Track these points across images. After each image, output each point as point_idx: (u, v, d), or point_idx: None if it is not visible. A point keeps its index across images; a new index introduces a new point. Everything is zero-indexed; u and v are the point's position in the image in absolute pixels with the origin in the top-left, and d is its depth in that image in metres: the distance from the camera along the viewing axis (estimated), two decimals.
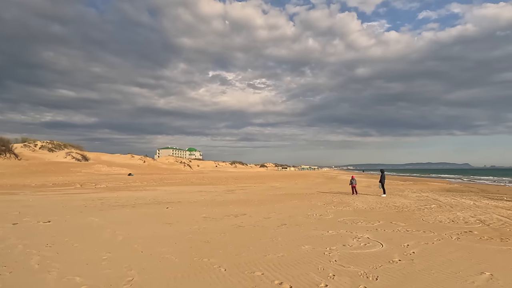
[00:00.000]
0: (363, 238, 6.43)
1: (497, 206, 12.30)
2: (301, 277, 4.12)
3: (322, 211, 10.51)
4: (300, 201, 13.73)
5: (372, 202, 13.34)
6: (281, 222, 8.41)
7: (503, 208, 11.45)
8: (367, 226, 7.82)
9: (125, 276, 4.09)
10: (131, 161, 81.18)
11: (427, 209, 11.02)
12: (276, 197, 15.89)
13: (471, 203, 13.31)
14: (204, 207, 11.44)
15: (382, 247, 5.78)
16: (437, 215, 9.70)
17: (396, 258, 5.00)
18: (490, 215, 9.77)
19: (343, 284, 3.89)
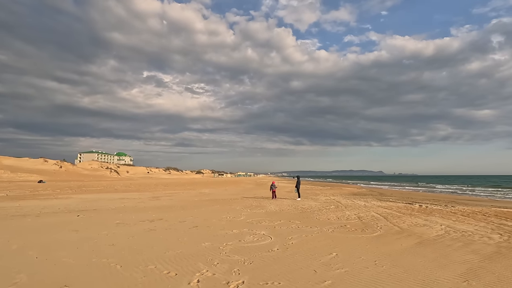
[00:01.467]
0: (259, 235, 7.52)
1: (380, 206, 15.16)
2: (189, 267, 4.86)
3: (237, 214, 11.48)
4: (221, 206, 14.53)
5: (285, 205, 14.96)
6: (194, 224, 9.04)
7: (383, 207, 14.20)
8: (269, 225, 9.03)
9: (12, 279, 4.23)
10: (44, 166, 71.12)
11: (325, 210, 13.00)
12: (200, 202, 16.40)
13: (363, 203, 16.05)
14: (120, 214, 11.31)
15: (270, 240, 6.93)
16: (330, 214, 11.60)
17: (276, 248, 6.15)
18: (369, 213, 12.11)
19: (221, 269, 4.76)
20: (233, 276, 4.44)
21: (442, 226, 9.08)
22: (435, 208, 14.06)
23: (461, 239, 7.15)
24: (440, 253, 5.83)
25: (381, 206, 15.05)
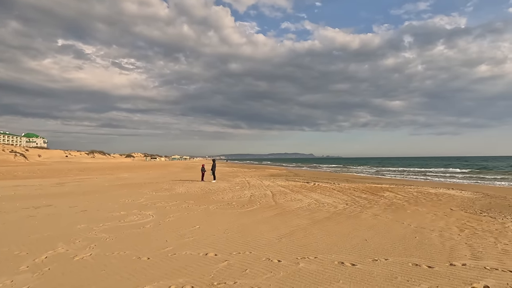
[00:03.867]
0: (144, 215, 8.09)
1: (282, 185, 17.13)
2: (45, 246, 5.20)
3: (138, 197, 11.76)
4: (129, 190, 14.51)
5: (195, 187, 15.73)
6: (83, 209, 9.08)
7: (282, 186, 16.13)
8: (162, 205, 9.64)
9: None
10: None
11: (229, 190, 14.20)
12: (109, 187, 16.00)
13: (268, 183, 17.89)
14: (3, 202, 10.50)
15: (151, 218, 7.58)
16: (229, 194, 12.78)
17: (149, 225, 6.83)
18: (265, 191, 13.72)
19: (78, 246, 5.24)
20: (86, 250, 4.98)
21: (312, 200, 11.02)
22: (322, 186, 16.61)
23: (312, 209, 8.96)
24: (284, 220, 7.33)
25: (282, 185, 17.02)
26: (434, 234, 5.97)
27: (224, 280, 3.73)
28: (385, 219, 7.60)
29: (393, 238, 5.72)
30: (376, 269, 4.06)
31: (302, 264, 4.26)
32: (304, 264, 4.26)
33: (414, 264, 4.25)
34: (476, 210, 9.16)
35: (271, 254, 4.77)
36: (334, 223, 7.07)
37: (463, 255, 4.67)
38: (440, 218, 7.71)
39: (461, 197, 12.63)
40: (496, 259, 4.44)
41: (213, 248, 5.07)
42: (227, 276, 3.86)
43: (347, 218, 7.67)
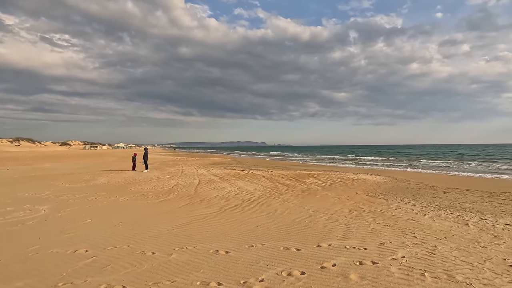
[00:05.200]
0: (36, 210, 7.20)
1: (216, 173, 16.99)
2: None
3: (46, 190, 10.51)
4: (39, 182, 12.95)
5: (120, 177, 14.71)
6: None
7: (215, 175, 15.98)
8: (64, 199, 8.73)
9: None
10: None
11: (155, 180, 13.57)
12: (18, 179, 14.07)
13: (204, 172, 17.59)
14: None
15: (42, 213, 6.78)
16: (152, 184, 12.19)
17: (32, 222, 6.07)
18: (194, 180, 13.42)
19: None
20: None
21: (235, 188, 11.08)
22: (255, 173, 16.91)
23: (228, 197, 8.98)
24: (190, 210, 7.18)
25: (215, 173, 16.88)
26: (324, 217, 6.39)
27: (73, 280, 3.42)
28: (291, 204, 7.94)
29: (285, 223, 5.96)
30: (245, 255, 4.14)
31: (174, 255, 4.15)
32: (177, 255, 4.15)
33: (285, 247, 4.44)
34: (376, 193, 10.15)
35: (150, 246, 4.57)
36: (239, 211, 7.14)
37: (335, 236, 5.04)
38: (341, 202, 8.34)
39: (373, 181, 13.94)
40: (360, 239, 4.88)
41: (88, 244, 4.68)
42: (81, 274, 3.56)
43: (256, 205, 7.83)
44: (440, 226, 5.79)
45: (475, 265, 3.79)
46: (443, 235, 5.16)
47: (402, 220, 6.26)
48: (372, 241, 4.73)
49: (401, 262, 3.85)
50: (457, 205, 8.16)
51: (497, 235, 5.20)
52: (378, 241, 4.76)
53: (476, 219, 6.38)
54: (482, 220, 6.35)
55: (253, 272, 3.58)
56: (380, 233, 5.23)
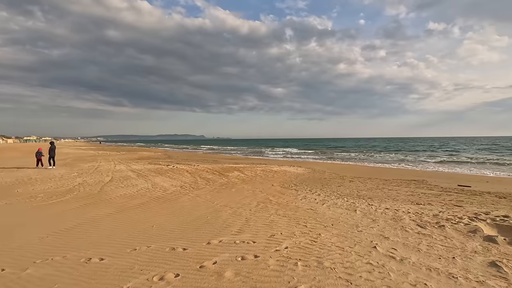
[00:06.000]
0: None
1: (133, 168, 15.68)
2: None
3: None
4: None
5: (12, 176, 12.38)
6: None
7: (134, 171, 14.72)
8: None
9: None
10: None
11: (57, 179, 11.79)
12: None
13: (121, 168, 16.06)
14: None
15: None
16: (48, 183, 10.53)
17: None
18: (103, 178, 12.08)
19: None
20: None
21: (149, 184, 10.32)
22: (180, 168, 16.20)
23: (136, 195, 8.28)
24: (83, 212, 6.33)
25: (135, 169, 15.60)
26: (229, 212, 6.32)
27: None
28: (202, 200, 7.71)
29: (185, 221, 5.69)
30: (121, 261, 3.73)
31: (29, 270, 3.49)
32: (33, 270, 3.50)
33: (171, 248, 4.17)
34: (291, 185, 10.65)
35: (4, 260, 3.78)
36: (140, 210, 6.60)
37: (231, 231, 4.98)
38: (253, 195, 8.45)
39: (293, 173, 14.68)
40: (253, 232, 4.91)
41: None
42: None
43: (163, 203, 7.37)
44: (333, 214, 6.27)
45: (346, 249, 4.12)
46: (331, 222, 5.56)
47: (302, 210, 6.60)
48: (264, 234, 4.81)
49: (282, 253, 3.95)
50: (355, 193, 9.06)
51: (375, 219, 5.84)
52: (270, 233, 4.85)
53: (364, 205, 7.12)
54: (369, 205, 7.11)
55: (120, 281, 3.22)
56: (276, 224, 5.37)
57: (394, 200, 7.98)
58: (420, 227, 5.23)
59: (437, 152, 37.94)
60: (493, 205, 7.33)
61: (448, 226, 5.20)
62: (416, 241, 4.49)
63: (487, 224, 5.46)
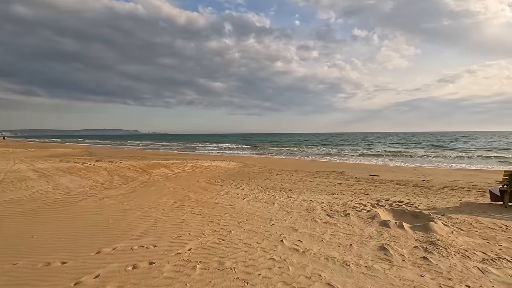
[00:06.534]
0: None
1: (37, 168, 13.34)
2: None
3: None
4: None
5: None
6: None
7: (34, 170, 12.48)
8: None
9: None
10: None
11: None
12: None
13: (21, 167, 13.51)
14: None
15: None
16: None
17: None
18: None
19: None
20: None
21: (51, 186, 8.80)
22: (97, 165, 14.41)
23: (27, 200, 6.90)
24: None
25: (39, 168, 13.29)
26: (137, 213, 5.68)
27: None
28: (111, 201, 6.83)
29: (80, 227, 4.86)
30: None
31: None
32: None
33: (46, 263, 3.43)
34: (217, 180, 10.34)
35: None
36: (24, 218, 5.45)
37: (132, 235, 4.41)
38: (173, 193, 7.87)
39: (224, 168, 14.42)
40: (158, 235, 4.43)
41: None
42: None
43: (59, 207, 6.27)
44: (251, 208, 6.16)
45: (253, 245, 3.97)
46: (246, 217, 5.42)
47: (220, 206, 6.34)
48: (170, 236, 4.38)
49: (183, 256, 3.59)
50: (278, 186, 9.22)
51: (290, 211, 5.92)
52: (177, 234, 4.45)
53: (284, 198, 7.23)
54: (288, 198, 7.25)
55: None
56: (187, 224, 4.98)
57: (313, 191, 8.35)
58: (328, 217, 5.46)
59: (358, 146, 42.33)
60: (393, 192, 8.24)
61: (353, 214, 5.54)
62: (322, 231, 4.62)
63: (385, 210, 6.01)
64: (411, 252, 3.77)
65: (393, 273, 3.18)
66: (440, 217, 5.26)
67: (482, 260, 3.49)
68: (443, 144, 40.39)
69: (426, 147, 36.65)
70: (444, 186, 9.24)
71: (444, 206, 6.36)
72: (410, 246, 3.98)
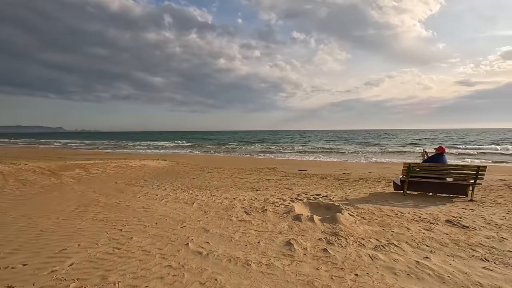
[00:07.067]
0: None
1: None
2: None
3: None
4: None
5: None
6: None
7: None
8: None
9: None
10: None
11: None
12: None
13: None
14: None
15: None
16: None
17: None
18: None
19: None
20: None
21: None
22: None
23: None
24: None
25: None
26: (18, 225, 4.72)
27: None
28: None
29: None
30: None
31: None
32: None
33: None
34: (140, 181, 9.49)
35: None
36: None
37: None
38: (79, 197, 6.89)
39: (153, 167, 13.42)
40: (36, 250, 3.69)
41: None
42: None
43: None
44: (166, 210, 5.69)
45: (152, 252, 3.56)
46: (157, 221, 4.95)
47: (131, 210, 5.72)
48: (52, 249, 3.67)
49: (57, 275, 2.99)
50: (205, 184, 8.86)
51: (208, 210, 5.63)
52: (63, 246, 3.76)
53: (206, 197, 6.91)
54: (211, 196, 6.95)
55: None
56: (80, 233, 4.28)
57: (239, 188, 8.21)
58: (246, 214, 5.33)
59: (295, 143, 44.45)
60: (315, 185, 8.61)
61: (270, 210, 5.52)
62: (234, 230, 4.44)
63: (302, 203, 6.15)
64: (314, 245, 3.82)
65: (292, 269, 3.13)
66: (348, 208, 5.57)
67: (375, 247, 3.71)
68: (368, 141, 45.05)
69: (354, 143, 40.39)
70: (360, 178, 10.06)
71: (355, 197, 6.83)
72: (315, 238, 4.05)
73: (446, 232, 4.24)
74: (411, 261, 3.31)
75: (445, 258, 3.37)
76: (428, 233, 4.22)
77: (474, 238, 3.98)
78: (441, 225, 4.58)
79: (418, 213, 5.25)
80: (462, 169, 6.51)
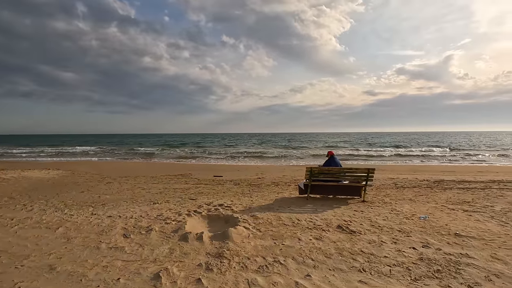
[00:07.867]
0: None
1: None
2: None
3: None
4: None
5: None
6: None
7: None
8: None
9: None
10: None
11: None
12: None
13: None
14: None
15: None
16: None
17: None
18: None
19: None
20: None
21: None
22: None
23: None
24: None
25: None
26: None
27: None
28: None
29: None
30: None
31: None
32: None
33: None
34: (2, 199, 7.40)
35: None
36: None
37: None
38: None
39: (35, 179, 10.94)
40: None
41: None
42: None
43: None
44: (11, 242, 4.29)
45: None
46: None
47: None
48: None
49: None
50: (93, 199, 7.42)
51: (74, 237, 4.45)
52: None
53: (83, 216, 5.63)
54: (91, 215, 5.69)
55: None
56: None
57: (134, 202, 7.08)
58: (123, 237, 4.37)
59: (222, 146, 43.91)
60: (224, 193, 8.07)
61: (157, 229, 4.68)
62: (94, 263, 3.47)
63: (200, 217, 5.49)
64: (189, 274, 3.17)
65: None
66: (247, 219, 5.14)
67: (257, 269, 3.27)
68: (291, 144, 47.60)
69: (278, 146, 42.07)
70: (272, 183, 9.98)
71: (260, 204, 6.51)
72: (194, 264, 3.41)
73: (334, 240, 4.13)
74: (291, 282, 2.95)
75: (326, 274, 3.13)
76: (317, 243, 4.03)
77: (358, 245, 3.93)
78: (331, 232, 4.49)
79: (314, 219, 5.15)
80: (355, 171, 6.85)
